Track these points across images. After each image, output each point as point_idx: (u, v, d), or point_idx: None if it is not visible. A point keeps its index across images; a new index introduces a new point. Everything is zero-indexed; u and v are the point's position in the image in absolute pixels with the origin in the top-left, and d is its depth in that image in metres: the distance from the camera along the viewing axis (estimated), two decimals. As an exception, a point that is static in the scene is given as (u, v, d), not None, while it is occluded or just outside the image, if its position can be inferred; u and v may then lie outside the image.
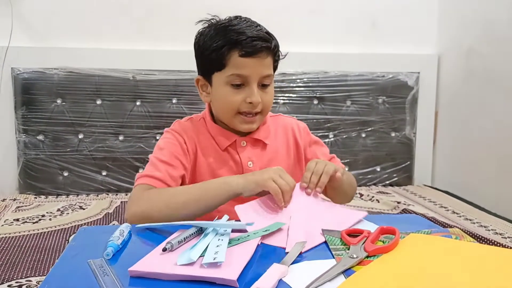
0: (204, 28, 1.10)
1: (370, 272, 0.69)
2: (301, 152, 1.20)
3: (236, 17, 1.08)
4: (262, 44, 1.01)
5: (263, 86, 1.06)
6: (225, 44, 1.01)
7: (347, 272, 0.70)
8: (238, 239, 0.80)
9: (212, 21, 1.09)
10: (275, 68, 1.10)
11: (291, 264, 0.72)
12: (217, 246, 0.74)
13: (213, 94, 1.08)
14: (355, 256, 0.74)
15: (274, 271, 0.68)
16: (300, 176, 1.06)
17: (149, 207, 0.96)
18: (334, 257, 0.76)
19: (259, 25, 1.06)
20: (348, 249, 0.78)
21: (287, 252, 0.77)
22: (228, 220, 0.89)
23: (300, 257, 0.75)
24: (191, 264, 0.70)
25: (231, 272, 0.67)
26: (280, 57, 1.11)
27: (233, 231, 0.83)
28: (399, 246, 0.78)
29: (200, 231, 0.82)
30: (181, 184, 1.07)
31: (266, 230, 0.83)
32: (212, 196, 0.96)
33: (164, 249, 0.75)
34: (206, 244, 0.75)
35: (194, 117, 1.16)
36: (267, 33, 1.05)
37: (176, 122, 1.15)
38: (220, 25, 1.06)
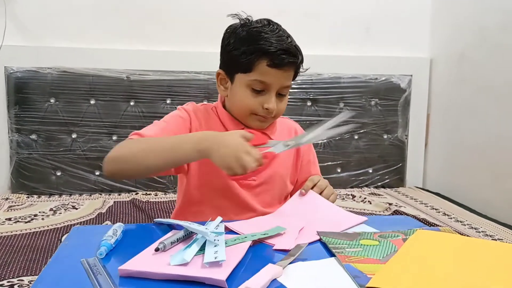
0: (237, 26, 1.12)
1: (394, 268, 0.71)
2: (300, 154, 1.24)
3: (269, 22, 1.11)
4: (289, 59, 1.06)
5: (280, 95, 1.11)
6: (256, 51, 1.05)
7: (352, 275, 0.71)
8: (235, 240, 0.80)
9: (246, 21, 1.12)
10: (294, 78, 1.16)
11: (289, 264, 0.73)
12: (215, 246, 0.74)
13: (232, 91, 1.12)
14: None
15: (267, 271, 0.68)
16: (295, 176, 1.21)
17: (119, 152, 0.99)
18: (335, 255, 0.77)
19: (289, 36, 1.10)
20: (347, 245, 0.80)
21: (287, 252, 0.77)
22: (222, 221, 0.90)
23: (297, 258, 0.76)
24: (181, 264, 0.70)
25: (220, 272, 0.67)
26: (301, 70, 1.16)
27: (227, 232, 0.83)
28: (411, 242, 0.82)
29: (193, 232, 0.82)
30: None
31: (264, 234, 0.84)
32: (180, 150, 0.96)
33: (157, 249, 0.75)
34: (199, 245, 0.75)
35: (208, 104, 1.21)
36: (296, 47, 1.10)
37: (190, 103, 1.19)
38: (253, 29, 1.09)
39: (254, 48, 1.05)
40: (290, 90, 1.19)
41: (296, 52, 1.08)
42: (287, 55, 1.05)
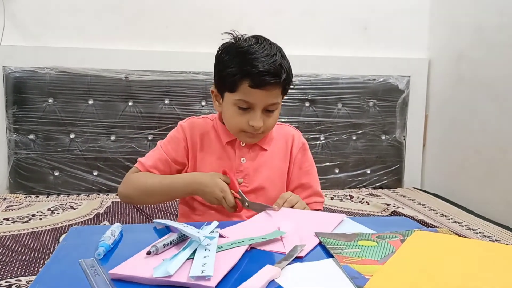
0: (226, 46, 1.15)
1: (392, 269, 0.71)
2: (292, 161, 1.26)
3: (258, 40, 1.12)
4: (270, 80, 1.08)
5: (268, 111, 1.13)
6: (238, 72, 1.09)
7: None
8: (231, 244, 0.79)
9: (237, 39, 1.14)
10: (285, 93, 1.17)
11: (287, 265, 0.73)
12: (204, 257, 0.72)
13: (223, 108, 1.18)
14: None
15: (265, 272, 0.68)
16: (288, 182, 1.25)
17: (128, 189, 1.19)
18: (333, 256, 0.77)
19: (276, 53, 1.10)
20: (345, 246, 0.80)
21: (284, 253, 0.77)
22: (218, 226, 0.89)
23: (296, 260, 0.76)
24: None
25: (210, 279, 0.66)
26: (291, 85, 1.17)
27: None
28: (409, 243, 0.82)
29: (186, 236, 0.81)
30: (181, 170, 1.23)
31: (263, 238, 0.83)
32: (175, 192, 1.17)
33: (149, 253, 0.75)
34: (190, 252, 0.74)
35: (210, 116, 1.27)
36: (281, 65, 1.09)
37: (190, 118, 1.25)
38: (240, 49, 1.11)
39: (237, 69, 1.09)
40: (288, 91, 1.20)
41: (280, 71, 1.09)
42: (269, 76, 1.07)
